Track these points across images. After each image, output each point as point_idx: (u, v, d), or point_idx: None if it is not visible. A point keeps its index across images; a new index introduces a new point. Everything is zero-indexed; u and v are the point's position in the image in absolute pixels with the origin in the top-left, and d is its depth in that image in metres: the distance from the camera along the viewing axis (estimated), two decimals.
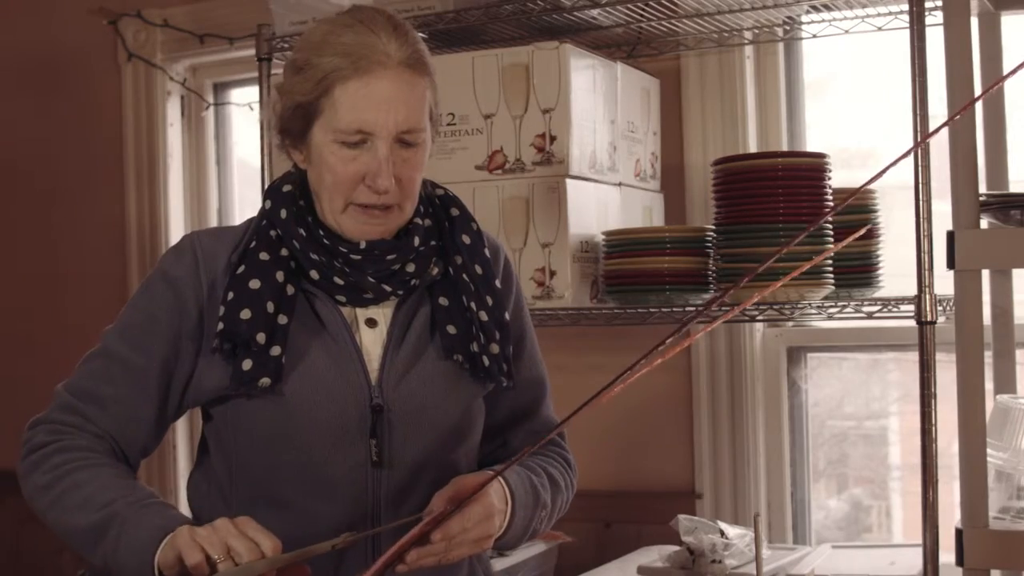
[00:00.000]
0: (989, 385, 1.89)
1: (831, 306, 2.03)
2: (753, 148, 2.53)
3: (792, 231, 2.04)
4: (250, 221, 1.62)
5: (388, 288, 1.56)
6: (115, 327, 1.58)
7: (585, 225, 2.24)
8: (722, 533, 2.15)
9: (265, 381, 1.48)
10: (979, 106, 1.95)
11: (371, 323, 1.57)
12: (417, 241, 1.57)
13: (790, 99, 2.60)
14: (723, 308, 2.13)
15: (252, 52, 2.48)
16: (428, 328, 1.58)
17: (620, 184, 2.37)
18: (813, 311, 2.06)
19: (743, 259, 2.07)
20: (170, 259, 1.58)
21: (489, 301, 1.60)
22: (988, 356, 1.95)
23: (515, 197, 2.21)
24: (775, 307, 2.05)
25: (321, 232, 1.55)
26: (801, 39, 2.49)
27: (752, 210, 2.05)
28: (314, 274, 1.54)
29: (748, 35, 2.46)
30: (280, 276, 1.53)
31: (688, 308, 2.15)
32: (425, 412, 1.55)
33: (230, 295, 1.51)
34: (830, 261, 2.07)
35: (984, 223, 1.80)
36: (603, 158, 2.30)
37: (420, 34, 2.36)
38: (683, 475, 2.59)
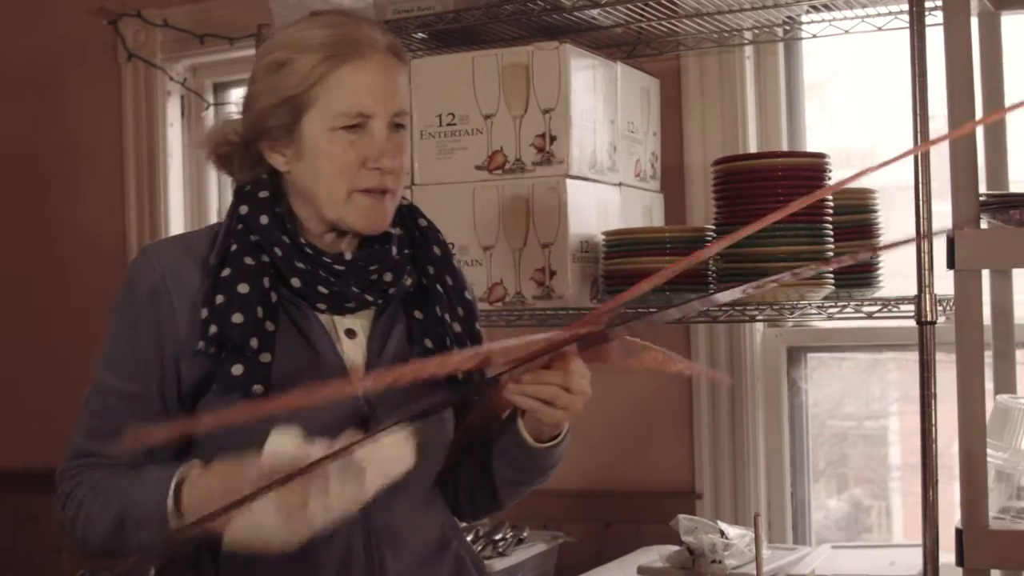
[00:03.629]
0: (989, 385, 1.89)
1: (831, 306, 2.03)
2: (753, 148, 2.53)
3: (792, 231, 2.04)
4: (215, 226, 1.60)
5: (369, 298, 1.56)
6: (103, 360, 1.56)
7: (585, 225, 2.24)
8: (722, 533, 2.16)
9: (258, 388, 1.46)
10: (979, 106, 1.95)
11: (350, 334, 1.57)
12: (395, 250, 1.58)
13: (790, 99, 2.60)
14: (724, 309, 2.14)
15: (252, 52, 2.48)
16: (405, 340, 1.59)
17: (620, 184, 2.37)
18: (813, 311, 2.06)
19: (743, 259, 2.07)
20: (133, 276, 1.55)
21: (461, 312, 1.61)
22: (988, 356, 1.95)
23: (515, 197, 2.21)
24: (775, 307, 2.05)
25: (303, 240, 1.54)
26: (801, 39, 2.49)
27: (752, 210, 2.05)
28: (296, 282, 1.53)
29: (748, 35, 2.46)
30: (266, 282, 1.51)
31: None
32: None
33: (219, 298, 1.48)
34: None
35: (984, 223, 1.80)
36: (603, 158, 2.30)
37: (420, 34, 2.40)
38: (683, 475, 2.59)
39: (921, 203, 1.87)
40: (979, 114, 1.96)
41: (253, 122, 1.55)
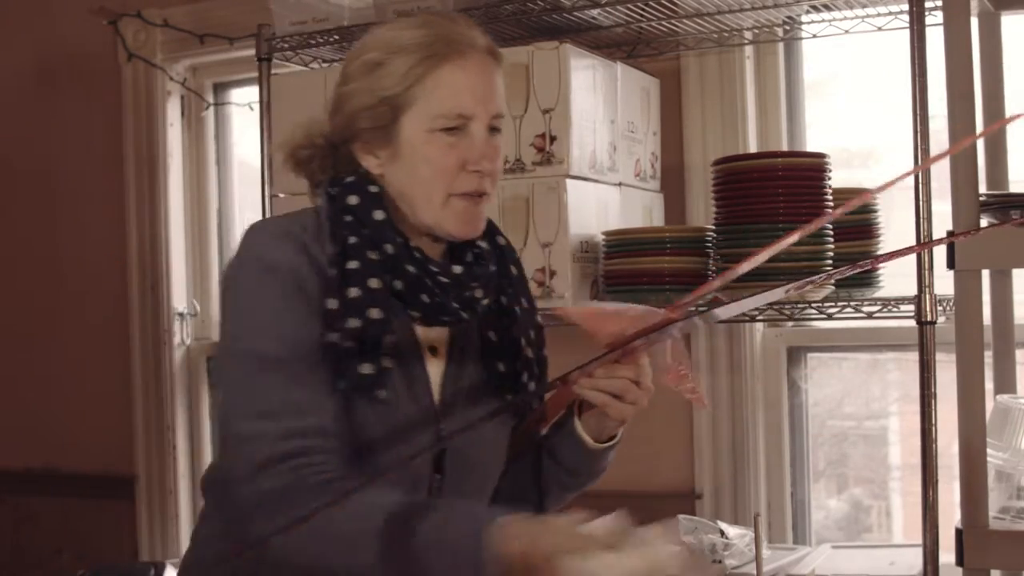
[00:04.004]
0: (989, 385, 1.89)
1: (831, 306, 2.03)
2: (753, 148, 2.52)
3: (792, 231, 2.03)
4: (314, 212, 1.50)
5: (464, 314, 1.50)
6: (258, 335, 1.40)
7: (585, 225, 2.24)
8: (722, 533, 2.16)
9: (383, 393, 1.40)
10: (979, 106, 1.95)
11: (432, 350, 1.51)
12: (492, 267, 1.54)
13: (790, 99, 2.60)
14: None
15: (252, 52, 2.48)
16: (479, 360, 1.54)
17: (620, 184, 2.37)
18: (813, 311, 2.06)
19: (743, 259, 2.06)
20: (265, 248, 1.44)
21: (533, 335, 1.57)
22: (988, 356, 1.95)
23: (515, 197, 2.21)
24: (775, 307, 2.05)
25: (412, 244, 1.47)
26: (801, 39, 2.49)
27: (752, 210, 2.05)
28: (399, 284, 1.45)
29: (748, 35, 2.45)
30: (389, 280, 1.44)
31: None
32: (480, 447, 1.51)
33: (353, 291, 1.41)
34: (830, 261, 2.07)
35: (984, 223, 1.80)
36: (603, 158, 2.30)
37: None
38: (683, 475, 2.59)
39: (921, 203, 1.87)
40: (979, 114, 1.96)
41: (346, 123, 1.49)
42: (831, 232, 2.07)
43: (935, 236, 1.86)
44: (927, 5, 1.90)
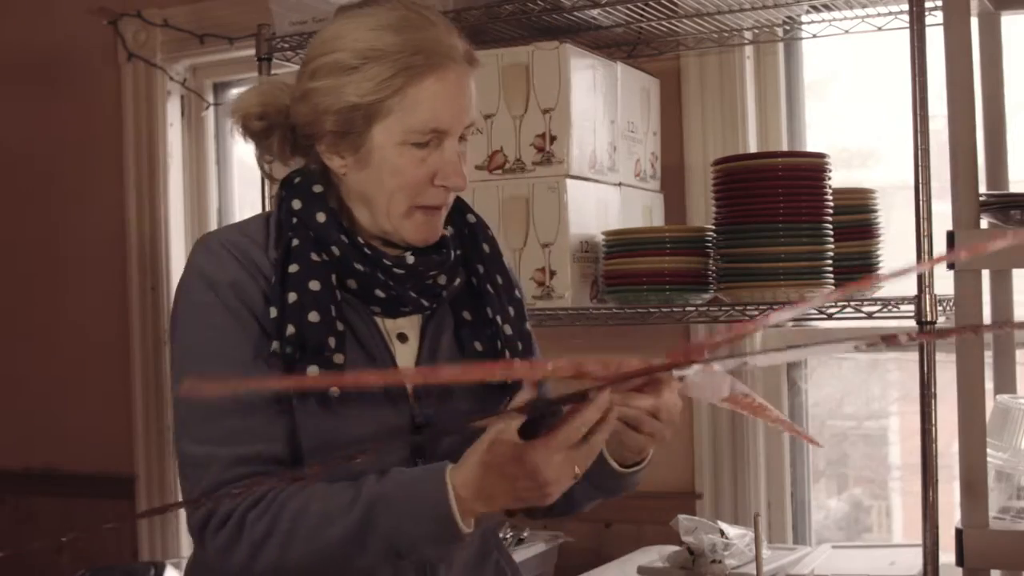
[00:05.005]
0: (989, 385, 1.89)
1: (831, 306, 2.03)
2: (753, 148, 2.52)
3: (793, 231, 2.04)
4: (265, 217, 1.52)
5: (425, 303, 1.50)
6: (190, 362, 1.46)
7: (585, 225, 2.24)
8: (722, 533, 2.15)
9: (335, 391, 1.40)
10: (979, 106, 1.95)
11: (402, 338, 1.51)
12: (452, 253, 1.52)
13: (790, 99, 2.60)
14: (722, 308, 2.14)
15: (252, 52, 2.48)
16: (455, 343, 1.53)
17: (620, 184, 2.37)
18: (813, 311, 2.06)
19: (743, 259, 2.07)
20: (206, 265, 1.45)
21: (511, 312, 1.55)
22: (988, 356, 1.95)
23: (515, 197, 2.21)
24: (775, 307, 2.05)
25: (360, 240, 1.46)
26: (801, 39, 2.49)
27: (752, 210, 2.05)
28: (352, 283, 1.46)
29: (748, 35, 2.46)
30: (333, 279, 1.43)
31: (688, 308, 2.14)
32: (464, 430, 1.48)
33: (291, 296, 1.40)
34: (830, 261, 2.07)
35: (984, 223, 1.80)
36: (603, 158, 2.30)
37: None
38: (683, 475, 2.59)
39: (921, 203, 1.87)
40: (979, 115, 1.96)
41: (312, 119, 1.46)
42: (831, 232, 2.07)
43: (935, 237, 1.86)
44: (927, 5, 1.90)
